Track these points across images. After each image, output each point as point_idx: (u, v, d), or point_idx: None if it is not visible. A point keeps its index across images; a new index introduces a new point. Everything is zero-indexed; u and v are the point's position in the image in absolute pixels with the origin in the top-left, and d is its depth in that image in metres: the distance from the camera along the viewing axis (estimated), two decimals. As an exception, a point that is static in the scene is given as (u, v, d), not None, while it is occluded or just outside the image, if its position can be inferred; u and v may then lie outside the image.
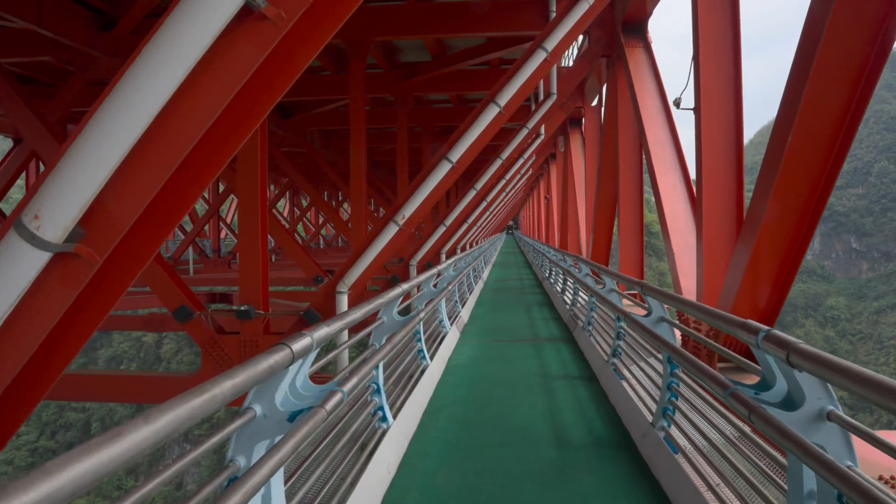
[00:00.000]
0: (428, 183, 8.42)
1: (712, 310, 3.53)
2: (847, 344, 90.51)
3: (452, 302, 10.65)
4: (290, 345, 2.63)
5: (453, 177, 8.56)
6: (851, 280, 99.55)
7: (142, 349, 72.29)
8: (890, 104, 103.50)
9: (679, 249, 9.88)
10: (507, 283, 19.07)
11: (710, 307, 3.61)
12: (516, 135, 13.96)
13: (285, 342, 2.65)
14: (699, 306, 3.95)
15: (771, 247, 6.59)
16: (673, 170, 11.13)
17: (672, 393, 4.37)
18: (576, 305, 10.41)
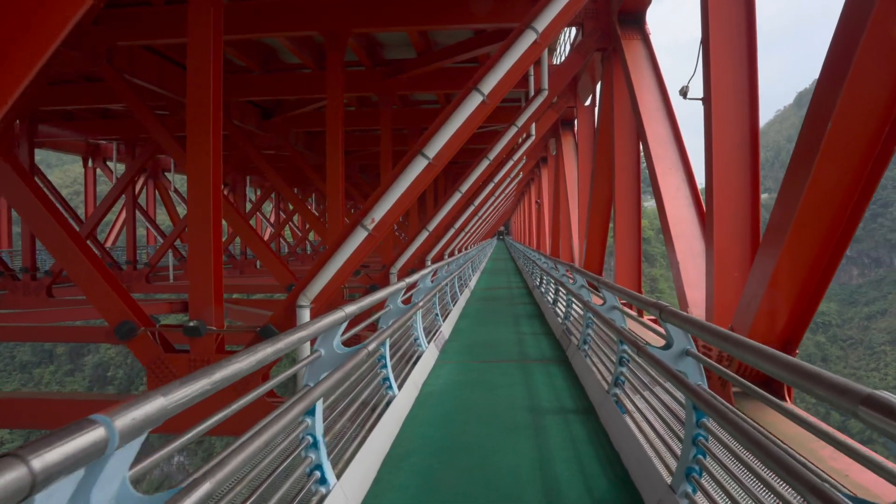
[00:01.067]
0: (400, 182, 7.32)
1: (782, 357, 2.42)
2: (838, 349, 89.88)
3: (432, 315, 9.56)
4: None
5: (430, 175, 7.47)
6: (842, 286, 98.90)
7: (129, 356, 71.27)
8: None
9: (684, 257, 8.82)
10: (495, 291, 17.94)
11: (779, 354, 2.50)
12: (505, 133, 12.91)
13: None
14: (763, 351, 2.80)
15: (800, 255, 5.53)
16: (675, 170, 10.09)
17: (699, 449, 3.29)
18: (569, 319, 9.33)
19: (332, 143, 13.22)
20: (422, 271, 7.35)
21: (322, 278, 7.45)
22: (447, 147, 7.31)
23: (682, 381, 3.29)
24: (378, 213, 7.34)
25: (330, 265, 7.41)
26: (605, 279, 5.44)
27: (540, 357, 7.90)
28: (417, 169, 7.29)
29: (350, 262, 7.49)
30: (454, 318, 11.36)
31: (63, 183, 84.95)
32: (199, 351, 7.98)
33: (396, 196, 7.33)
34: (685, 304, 8.37)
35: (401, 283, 5.54)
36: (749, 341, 2.76)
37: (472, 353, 8.23)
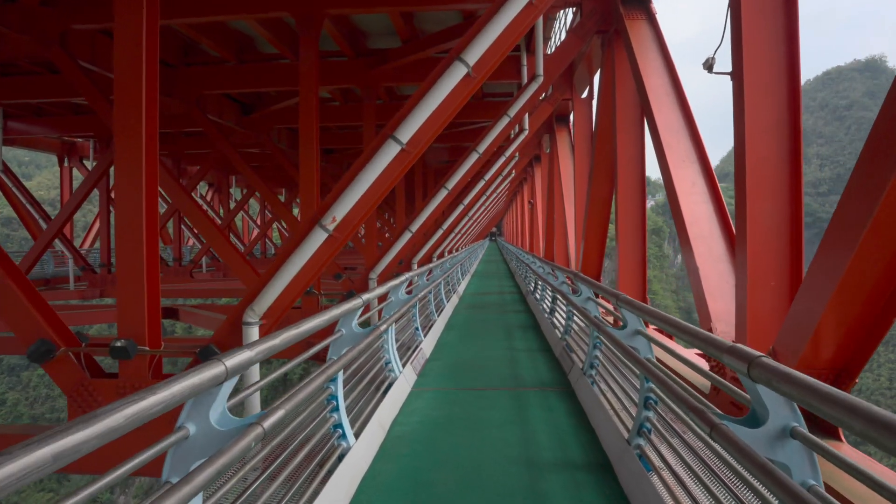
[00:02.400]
0: (367, 173, 5.96)
1: None
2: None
3: (411, 329, 8.19)
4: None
5: (404, 165, 6.10)
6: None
7: None
8: (871, 111, 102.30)
9: (704, 262, 7.49)
10: (485, 297, 16.51)
11: None
12: (496, 124, 11.56)
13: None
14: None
15: (878, 261, 4.20)
16: (690, 162, 8.76)
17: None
18: (569, 334, 7.99)
19: (306, 136, 11.91)
20: (390, 282, 5.98)
21: (273, 290, 6.08)
22: (424, 130, 5.96)
23: (775, 475, 1.92)
24: (340, 211, 5.97)
25: (282, 274, 6.05)
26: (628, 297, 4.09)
27: (537, 382, 6.54)
28: (388, 157, 5.94)
29: (308, 270, 6.12)
30: (439, 329, 9.99)
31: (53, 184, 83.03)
32: (130, 376, 6.60)
33: (362, 190, 5.97)
34: (707, 318, 7.04)
35: (356, 301, 4.17)
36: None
37: (457, 376, 6.86)
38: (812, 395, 1.91)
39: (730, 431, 2.44)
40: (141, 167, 6.48)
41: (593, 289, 5.91)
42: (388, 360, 6.04)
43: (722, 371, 6.40)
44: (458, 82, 5.89)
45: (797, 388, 2.10)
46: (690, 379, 6.98)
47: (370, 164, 5.92)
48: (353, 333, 4.27)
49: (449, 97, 5.89)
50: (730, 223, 8.02)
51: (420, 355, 7.55)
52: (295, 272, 6.02)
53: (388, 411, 5.30)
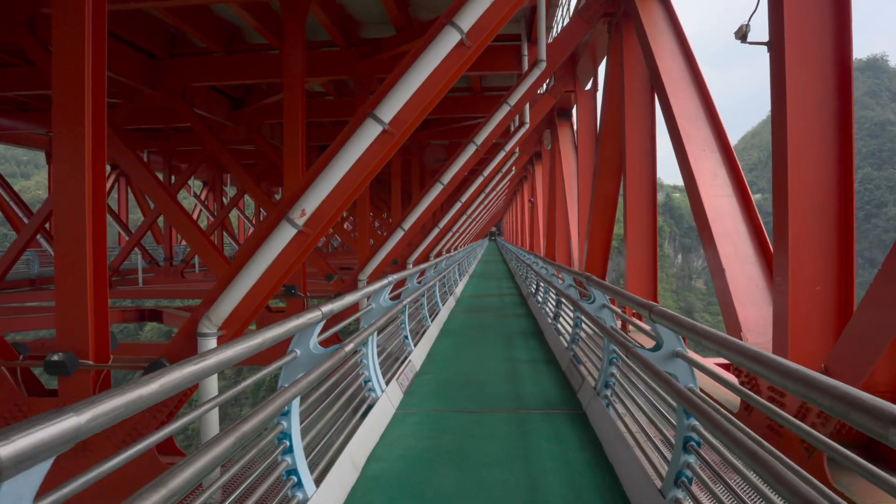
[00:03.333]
0: (343, 159, 5.03)
1: None
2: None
3: (399, 338, 7.25)
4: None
5: (386, 148, 5.18)
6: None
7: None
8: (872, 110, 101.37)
9: (730, 263, 6.57)
10: (484, 299, 15.52)
11: None
12: (495, 114, 10.64)
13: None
14: None
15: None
16: (710, 151, 7.85)
17: None
18: (577, 343, 7.05)
19: (291, 130, 10.98)
20: (367, 287, 4.98)
21: (232, 296, 5.15)
22: (410, 107, 5.03)
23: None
24: (311, 203, 5.05)
25: (243, 277, 5.12)
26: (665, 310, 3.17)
27: (542, 403, 5.58)
28: (367, 139, 5.01)
29: (274, 272, 5.20)
30: (432, 336, 9.04)
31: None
32: (69, 394, 5.66)
33: (337, 178, 5.04)
34: (735, 326, 6.13)
35: (313, 314, 3.23)
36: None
37: (450, 394, 5.89)
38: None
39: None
40: (84, 154, 5.55)
41: (610, 295, 4.96)
42: (368, 378, 5.10)
43: (755, 386, 5.50)
44: (451, 51, 4.96)
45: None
46: (713, 393, 6.09)
47: (345, 147, 5.00)
48: (311, 354, 3.34)
49: (440, 69, 4.97)
50: (758, 219, 7.11)
51: (409, 368, 6.61)
52: (258, 275, 5.09)
53: (363, 443, 4.37)
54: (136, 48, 14.31)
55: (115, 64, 13.53)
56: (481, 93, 18.85)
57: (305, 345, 3.35)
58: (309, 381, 3.20)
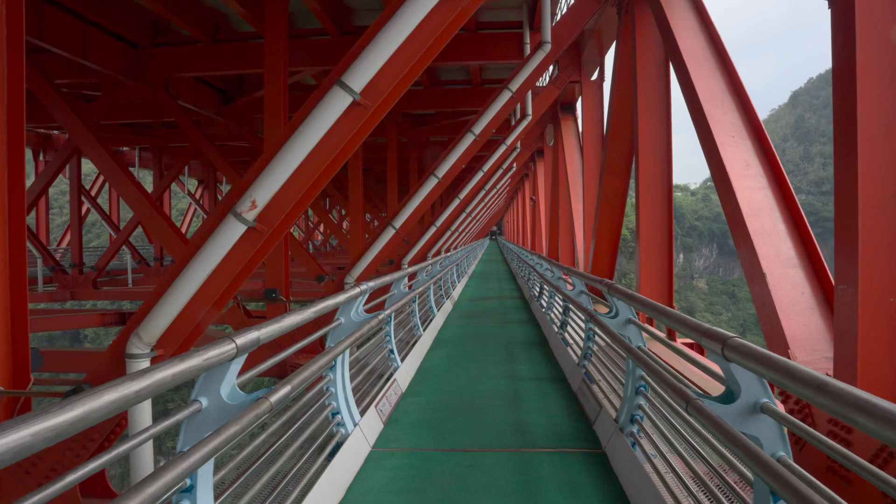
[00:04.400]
0: (303, 138, 4.00)
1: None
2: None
3: (384, 352, 6.20)
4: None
5: (358, 124, 4.13)
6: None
7: None
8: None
9: (771, 267, 5.53)
10: (483, 303, 14.40)
11: None
12: (496, 99, 9.61)
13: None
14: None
15: None
16: (740, 138, 6.81)
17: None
18: (589, 359, 6.01)
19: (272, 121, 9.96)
20: (331, 298, 3.90)
21: (168, 308, 4.12)
22: (388, 73, 3.99)
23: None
24: (264, 192, 4.00)
25: (182, 285, 4.09)
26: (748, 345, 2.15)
27: (552, 437, 4.50)
28: (334, 112, 3.97)
29: (220, 277, 4.17)
30: (424, 347, 7.98)
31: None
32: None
33: (297, 161, 4.00)
34: (780, 341, 5.09)
35: (225, 347, 2.19)
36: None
37: (440, 425, 4.82)
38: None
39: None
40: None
41: (639, 308, 3.86)
42: (337, 410, 4.07)
43: (809, 416, 4.48)
44: (434, 7, 3.91)
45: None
46: None
47: (307, 124, 3.96)
48: (223, 406, 2.30)
49: (423, 25, 3.92)
50: (800, 214, 6.07)
51: (393, 389, 5.57)
52: (199, 282, 4.07)
53: (323, 499, 3.33)
54: (116, 37, 13.26)
55: (95, 54, 12.48)
56: (481, 85, 17.75)
57: (216, 393, 2.31)
58: (223, 439, 2.16)
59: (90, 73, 13.84)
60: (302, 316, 3.10)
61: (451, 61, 15.10)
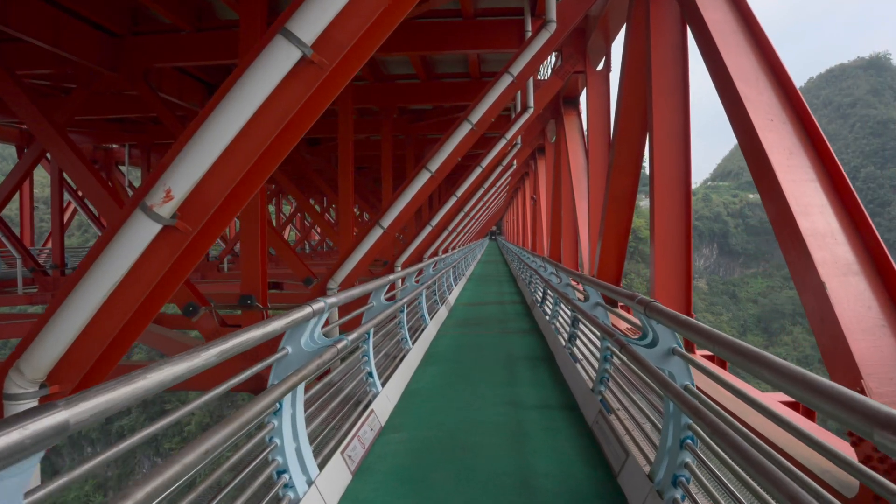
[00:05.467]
0: (238, 103, 2.95)
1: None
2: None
3: (361, 375, 5.15)
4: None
5: (312, 86, 3.09)
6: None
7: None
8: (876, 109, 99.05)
9: (830, 276, 4.50)
10: (482, 309, 13.28)
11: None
12: (495, 84, 8.59)
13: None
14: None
15: None
16: (780, 122, 5.77)
17: None
18: (605, 384, 4.97)
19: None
20: (262, 328, 2.84)
21: (62, 333, 3.07)
22: (348, 21, 2.95)
23: None
24: (183, 180, 2.97)
25: (77, 303, 3.04)
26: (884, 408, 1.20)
27: (566, 496, 3.41)
28: (278, 71, 2.93)
29: (131, 291, 3.13)
30: (412, 364, 6.93)
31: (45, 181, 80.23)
32: None
33: (228, 137, 2.96)
34: (850, 369, 4.06)
35: (40, 421, 1.27)
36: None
37: (423, 478, 3.71)
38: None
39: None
40: None
41: (677, 331, 2.84)
42: (283, 468, 3.04)
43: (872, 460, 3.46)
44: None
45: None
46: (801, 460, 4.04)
47: (240, 88, 2.92)
48: None
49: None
50: (860, 211, 5.03)
51: (370, 423, 4.54)
52: (100, 298, 3.01)
53: None
54: (94, 25, 12.22)
55: (68, 42, 11.41)
56: (480, 79, 16.68)
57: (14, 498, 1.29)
58: None
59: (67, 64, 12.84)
60: (202, 359, 2.06)
61: (447, 50, 14.09)
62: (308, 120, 3.28)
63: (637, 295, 3.49)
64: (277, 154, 3.31)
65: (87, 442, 63.03)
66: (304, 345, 3.18)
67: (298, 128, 3.27)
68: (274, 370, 3.11)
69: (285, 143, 3.29)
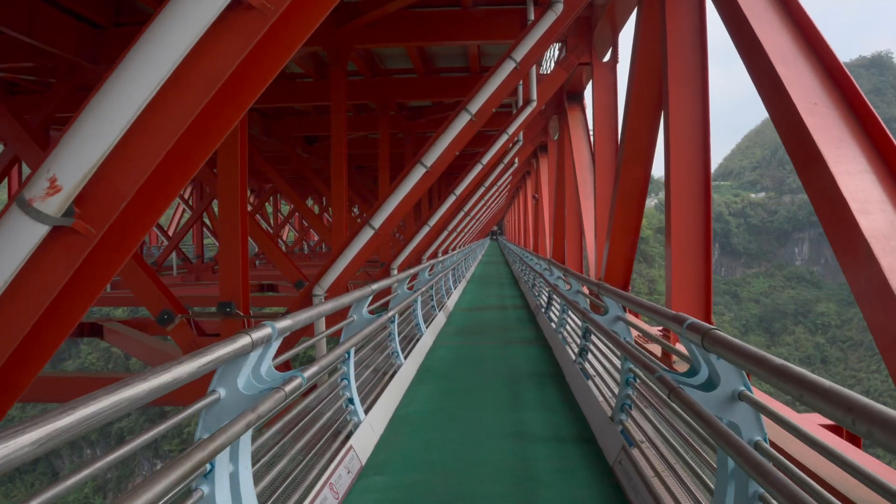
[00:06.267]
0: (151, 58, 2.11)
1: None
2: (838, 351, 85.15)
3: (340, 402, 4.34)
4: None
5: (254, 36, 2.27)
6: (841, 286, 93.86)
7: (111, 360, 67.67)
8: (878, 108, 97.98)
9: None
10: (482, 314, 12.42)
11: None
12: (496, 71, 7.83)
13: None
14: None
15: None
16: (825, 107, 4.97)
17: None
18: (627, 410, 4.18)
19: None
20: (193, 359, 2.12)
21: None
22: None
23: None
24: (74, 162, 2.15)
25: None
26: None
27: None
28: (202, 15, 2.11)
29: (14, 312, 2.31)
30: (404, 380, 6.09)
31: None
32: None
33: (137, 107, 2.14)
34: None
35: None
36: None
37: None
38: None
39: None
40: None
41: (755, 372, 2.09)
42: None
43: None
44: None
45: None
46: None
47: (149, 40, 2.10)
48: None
49: None
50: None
51: (346, 464, 3.74)
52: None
53: None
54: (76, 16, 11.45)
55: (43, 32, 10.59)
56: (480, 73, 15.90)
57: None
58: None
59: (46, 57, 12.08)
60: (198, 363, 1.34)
61: (445, 40, 13.33)
62: (254, 85, 2.49)
63: (685, 317, 2.67)
64: (215, 131, 2.53)
65: (87, 444, 62.49)
66: (242, 387, 2.38)
67: (241, 96, 2.49)
68: (202, 421, 2.31)
69: (225, 116, 2.50)
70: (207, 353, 2.10)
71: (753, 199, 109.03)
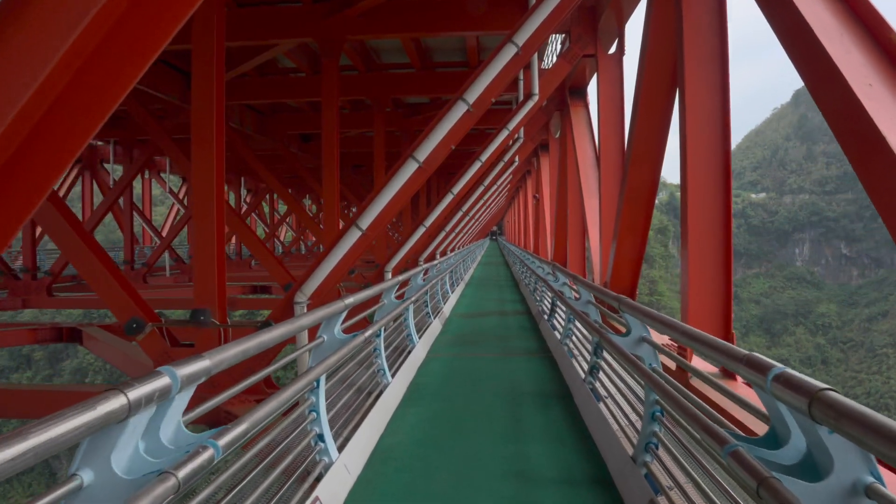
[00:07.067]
0: None
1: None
2: (838, 352, 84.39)
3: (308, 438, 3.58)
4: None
5: None
6: (842, 286, 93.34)
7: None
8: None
9: None
10: (480, 321, 11.62)
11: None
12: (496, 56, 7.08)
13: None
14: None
15: None
16: (881, 87, 4.21)
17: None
18: (652, 450, 3.44)
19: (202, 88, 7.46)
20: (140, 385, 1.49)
21: None
22: None
23: None
24: None
25: None
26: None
27: None
28: None
29: None
30: (391, 402, 5.33)
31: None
32: None
33: None
34: None
35: None
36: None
37: None
38: None
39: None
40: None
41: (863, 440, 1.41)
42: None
43: None
44: None
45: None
46: None
47: None
48: None
49: None
50: None
51: None
52: None
53: None
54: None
55: None
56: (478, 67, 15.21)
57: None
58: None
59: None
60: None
61: (442, 31, 12.61)
62: (146, 28, 1.73)
63: (767, 363, 1.83)
64: (98, 91, 1.77)
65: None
66: (121, 469, 1.64)
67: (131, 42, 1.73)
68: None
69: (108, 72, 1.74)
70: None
71: (754, 200, 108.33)
